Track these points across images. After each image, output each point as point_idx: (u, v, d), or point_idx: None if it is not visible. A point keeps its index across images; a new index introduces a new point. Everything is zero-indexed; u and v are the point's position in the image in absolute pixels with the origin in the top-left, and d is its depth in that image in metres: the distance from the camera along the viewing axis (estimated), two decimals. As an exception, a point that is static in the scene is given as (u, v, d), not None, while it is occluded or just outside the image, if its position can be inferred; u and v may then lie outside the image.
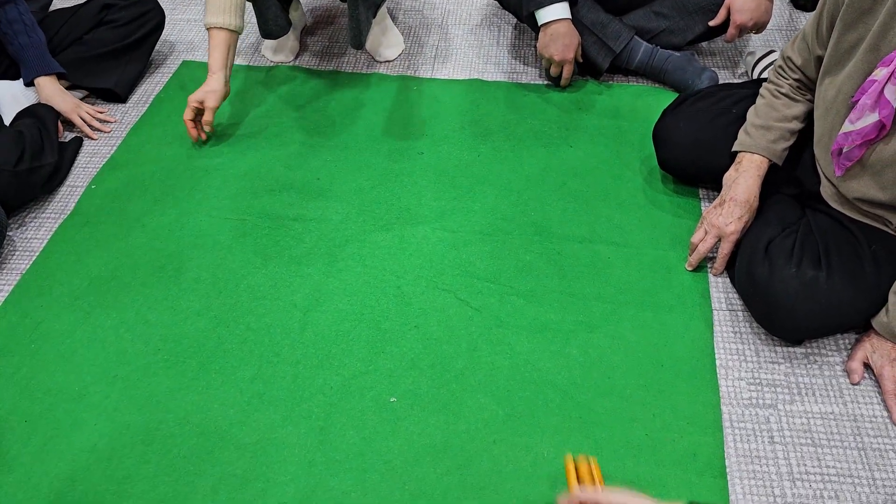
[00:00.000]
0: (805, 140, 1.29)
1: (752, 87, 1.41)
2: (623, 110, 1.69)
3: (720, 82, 1.65)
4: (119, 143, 1.69)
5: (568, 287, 1.32)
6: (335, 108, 1.75)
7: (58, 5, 1.95)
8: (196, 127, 1.63)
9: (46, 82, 1.67)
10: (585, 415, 1.14)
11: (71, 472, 1.11)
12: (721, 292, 1.30)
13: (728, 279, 1.32)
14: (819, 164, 1.24)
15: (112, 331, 1.30)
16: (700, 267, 1.34)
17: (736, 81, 1.61)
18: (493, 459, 1.10)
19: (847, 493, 1.04)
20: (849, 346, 1.21)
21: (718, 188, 1.33)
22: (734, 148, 1.31)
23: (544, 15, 1.63)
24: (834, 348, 1.21)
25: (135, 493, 1.08)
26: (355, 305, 1.31)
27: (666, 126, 1.44)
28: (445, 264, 1.37)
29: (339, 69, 1.88)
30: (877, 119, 1.04)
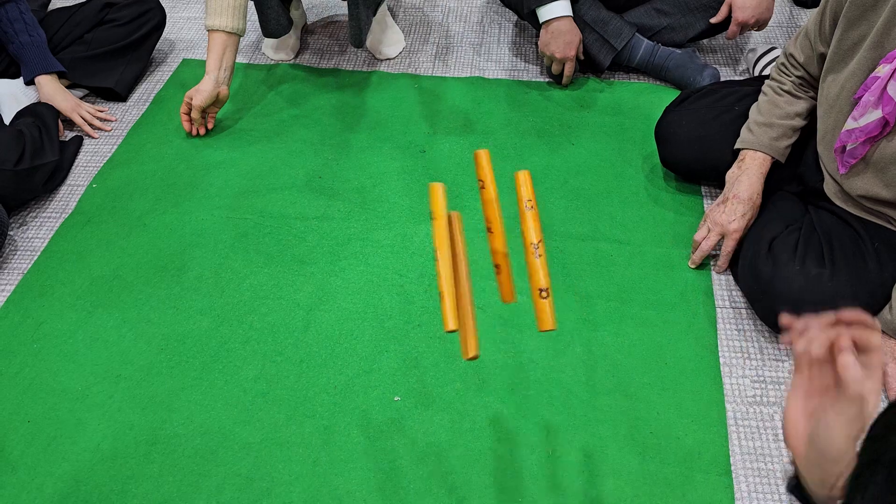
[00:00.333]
0: (808, 137, 1.29)
1: (754, 85, 1.41)
2: (625, 108, 1.69)
3: (722, 79, 1.65)
4: (120, 142, 1.69)
5: (571, 285, 1.32)
6: (336, 107, 1.75)
7: (58, 4, 1.95)
8: (190, 121, 1.65)
9: (47, 81, 1.66)
10: (590, 413, 1.14)
11: (75, 473, 1.11)
12: (724, 290, 1.30)
13: (731, 276, 1.32)
14: (822, 162, 1.23)
15: (114, 330, 1.29)
16: (703, 264, 1.34)
17: (737, 79, 1.61)
18: (498, 458, 1.10)
19: (852, 490, 1.04)
20: (852, 344, 1.21)
21: (721, 185, 1.33)
22: (737, 145, 1.31)
23: (546, 12, 1.63)
24: (837, 345, 1.21)
25: (139, 494, 1.08)
26: (358, 304, 1.31)
27: (668, 123, 1.44)
28: (448, 262, 1.37)
29: (340, 67, 1.87)
30: (880, 116, 1.04)
